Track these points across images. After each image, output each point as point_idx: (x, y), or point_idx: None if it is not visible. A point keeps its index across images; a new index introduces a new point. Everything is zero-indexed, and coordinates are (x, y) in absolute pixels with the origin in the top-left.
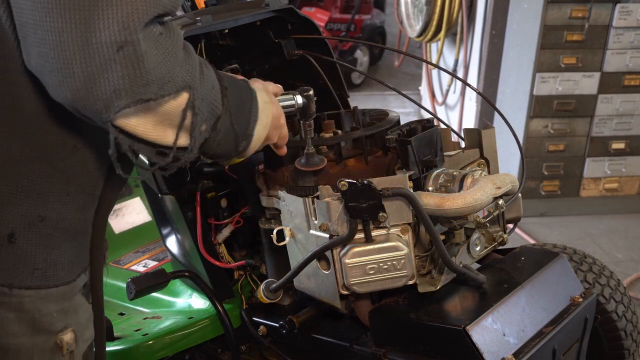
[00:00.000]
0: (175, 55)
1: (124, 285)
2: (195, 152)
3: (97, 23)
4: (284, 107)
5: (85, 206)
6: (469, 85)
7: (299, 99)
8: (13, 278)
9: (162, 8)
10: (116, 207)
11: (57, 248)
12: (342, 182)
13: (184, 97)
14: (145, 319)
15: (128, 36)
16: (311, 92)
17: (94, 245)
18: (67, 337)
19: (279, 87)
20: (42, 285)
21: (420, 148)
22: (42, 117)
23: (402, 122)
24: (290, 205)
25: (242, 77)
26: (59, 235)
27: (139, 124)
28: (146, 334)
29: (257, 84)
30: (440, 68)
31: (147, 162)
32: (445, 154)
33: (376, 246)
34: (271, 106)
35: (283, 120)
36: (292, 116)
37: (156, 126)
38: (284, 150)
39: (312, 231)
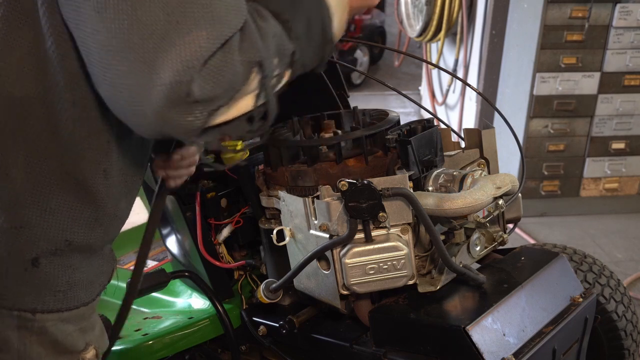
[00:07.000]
0: (235, 59)
1: (124, 285)
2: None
3: (162, 65)
4: None
5: (108, 229)
6: (469, 85)
7: None
8: (36, 303)
9: (223, 38)
10: None
11: (77, 269)
12: (342, 182)
13: (254, 81)
14: (145, 319)
15: (193, 74)
16: None
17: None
18: (89, 354)
19: None
20: (63, 308)
21: (420, 148)
22: (76, 142)
23: (402, 122)
24: (290, 205)
25: None
26: (79, 256)
27: (220, 118)
28: (146, 334)
29: None
30: (440, 68)
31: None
32: (445, 154)
33: (376, 246)
34: None
35: None
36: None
37: (232, 108)
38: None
39: (312, 231)
